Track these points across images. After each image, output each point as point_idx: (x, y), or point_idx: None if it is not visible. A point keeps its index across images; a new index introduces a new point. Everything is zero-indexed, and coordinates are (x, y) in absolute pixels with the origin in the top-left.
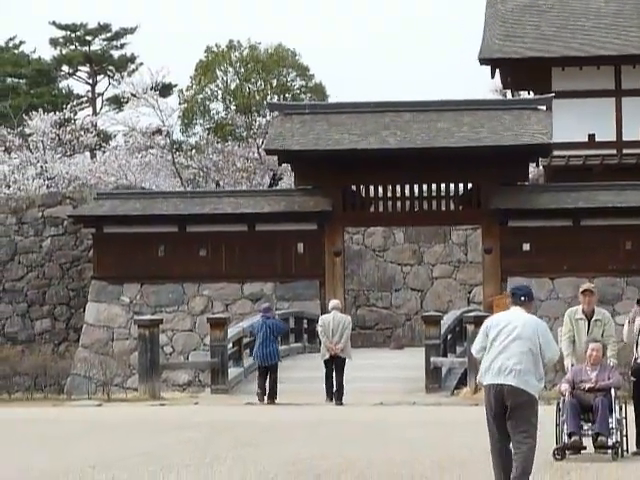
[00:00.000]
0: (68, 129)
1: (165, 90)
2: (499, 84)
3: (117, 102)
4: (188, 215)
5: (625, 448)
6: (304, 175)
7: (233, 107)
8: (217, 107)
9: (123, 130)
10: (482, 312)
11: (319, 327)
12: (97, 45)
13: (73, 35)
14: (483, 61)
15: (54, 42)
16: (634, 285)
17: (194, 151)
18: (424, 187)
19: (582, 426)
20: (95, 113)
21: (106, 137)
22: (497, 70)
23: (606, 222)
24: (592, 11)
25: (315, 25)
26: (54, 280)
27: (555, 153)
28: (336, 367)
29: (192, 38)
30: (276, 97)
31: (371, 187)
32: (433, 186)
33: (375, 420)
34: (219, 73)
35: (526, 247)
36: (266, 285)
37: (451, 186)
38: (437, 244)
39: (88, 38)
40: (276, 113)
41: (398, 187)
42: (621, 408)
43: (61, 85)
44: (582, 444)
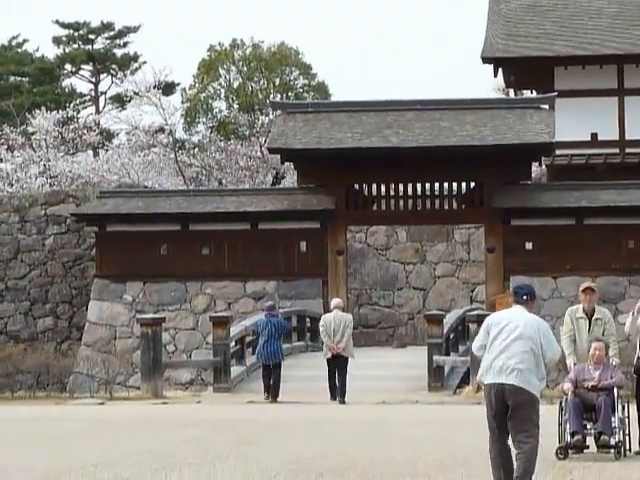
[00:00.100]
0: (71, 127)
1: (168, 89)
2: (502, 83)
3: (120, 101)
4: (191, 213)
5: (628, 447)
6: (307, 174)
7: (236, 106)
8: (220, 106)
9: (126, 128)
10: (485, 311)
11: (321, 326)
12: (100, 44)
13: (76, 34)
14: (486, 60)
15: (57, 41)
16: (637, 284)
17: (197, 149)
18: (427, 186)
19: (585, 425)
20: (98, 111)
21: (109, 135)
22: (500, 69)
23: (609, 221)
24: (595, 10)
25: (317, 24)
26: (57, 278)
27: (558, 152)
28: (338, 366)
29: (195, 37)
30: (279, 96)
31: (374, 186)
32: (436, 185)
33: (378, 419)
34: (222, 72)
35: (529, 246)
36: (269, 284)
37: (454, 185)
38: (440, 243)
39: (91, 37)
40: (279, 112)
41: (401, 186)
42: (624, 407)
43: (64, 83)
44: (585, 443)
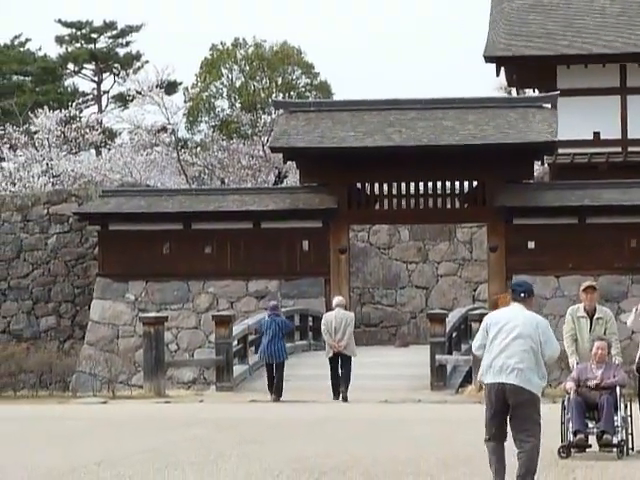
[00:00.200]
0: (73, 127)
1: (170, 88)
2: (504, 82)
3: (122, 100)
4: (193, 213)
5: (630, 446)
6: (309, 173)
7: (238, 105)
8: (222, 105)
9: (128, 128)
10: (487, 310)
11: (322, 324)
12: (103, 43)
13: (79, 33)
14: (488, 59)
15: (60, 40)
16: (639, 283)
17: (199, 149)
18: (429, 185)
19: (587, 424)
20: (100, 111)
21: (111, 135)
22: (502, 68)
23: (611, 220)
24: (597, 9)
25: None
26: (59, 277)
27: (560, 151)
28: (342, 364)
29: (197, 36)
30: (281, 95)
31: (376, 185)
32: (438, 184)
33: (380, 417)
34: (224, 71)
35: (531, 245)
36: (271, 283)
37: (456, 184)
38: (442, 242)
39: (94, 36)
40: (281, 111)
41: (403, 185)
42: (626, 406)
43: (67, 83)
44: (587, 442)
